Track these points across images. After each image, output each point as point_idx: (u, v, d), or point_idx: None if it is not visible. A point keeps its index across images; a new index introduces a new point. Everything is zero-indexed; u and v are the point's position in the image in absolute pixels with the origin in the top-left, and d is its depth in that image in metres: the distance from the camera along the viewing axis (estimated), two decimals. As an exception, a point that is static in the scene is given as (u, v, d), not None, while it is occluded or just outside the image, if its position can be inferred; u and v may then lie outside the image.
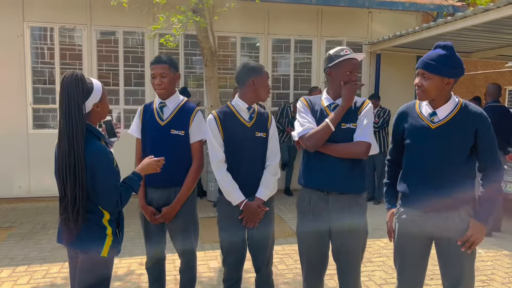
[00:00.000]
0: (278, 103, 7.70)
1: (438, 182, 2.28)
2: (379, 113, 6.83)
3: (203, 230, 5.34)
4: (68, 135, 2.03)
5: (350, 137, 2.51)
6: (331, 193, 2.52)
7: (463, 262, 2.31)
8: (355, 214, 2.51)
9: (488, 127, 2.28)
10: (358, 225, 2.52)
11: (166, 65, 2.75)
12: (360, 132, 2.49)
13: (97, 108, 2.16)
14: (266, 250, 2.76)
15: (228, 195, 2.68)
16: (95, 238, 2.14)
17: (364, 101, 2.59)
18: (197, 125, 2.80)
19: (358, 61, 2.56)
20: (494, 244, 4.92)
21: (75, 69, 6.95)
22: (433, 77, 2.23)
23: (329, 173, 2.50)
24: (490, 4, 5.03)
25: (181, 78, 7.35)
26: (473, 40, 7.04)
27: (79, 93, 2.03)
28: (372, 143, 2.50)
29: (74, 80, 2.04)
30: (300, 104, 2.65)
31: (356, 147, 2.47)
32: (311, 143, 2.50)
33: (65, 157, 2.03)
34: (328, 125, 2.46)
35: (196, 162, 2.81)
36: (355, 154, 2.49)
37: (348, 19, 7.87)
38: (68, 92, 2.03)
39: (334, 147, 2.48)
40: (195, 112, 2.82)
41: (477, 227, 2.27)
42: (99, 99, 2.15)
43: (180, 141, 2.75)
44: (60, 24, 6.90)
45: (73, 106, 2.03)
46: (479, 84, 16.54)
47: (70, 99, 2.02)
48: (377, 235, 5.04)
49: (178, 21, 4.80)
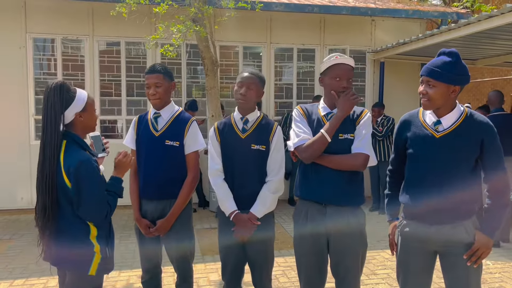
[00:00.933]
0: (281, 112, 7.66)
1: (442, 193, 2.20)
2: (383, 121, 6.75)
3: (204, 241, 5.28)
4: (44, 143, 2.00)
5: (348, 148, 2.43)
6: (328, 205, 2.44)
7: (469, 275, 2.22)
8: (353, 227, 2.43)
9: (495, 137, 2.20)
10: (357, 239, 2.44)
11: (160, 75, 2.69)
12: (358, 143, 2.41)
13: (80, 118, 2.10)
14: (264, 266, 2.68)
15: (222, 204, 2.63)
16: (82, 257, 2.07)
17: (362, 111, 2.51)
18: (192, 136, 2.74)
19: (349, 66, 2.45)
20: (502, 256, 4.79)
21: (78, 79, 6.99)
22: (438, 85, 2.16)
23: (326, 185, 2.42)
24: (494, 11, 4.96)
25: (184, 88, 7.36)
26: (478, 47, 6.96)
27: (58, 102, 2.00)
28: (370, 154, 2.42)
29: (55, 88, 2.01)
30: (296, 113, 2.57)
31: (354, 159, 2.39)
32: (307, 155, 2.43)
33: (40, 166, 2.00)
34: (324, 136, 2.39)
35: (191, 174, 2.74)
36: (353, 167, 2.40)
37: (351, 27, 7.83)
38: (48, 100, 2.00)
39: (330, 158, 2.41)
40: (190, 122, 2.75)
41: (483, 240, 2.19)
42: (81, 108, 2.09)
43: (175, 152, 2.69)
44: (62, 35, 6.92)
45: (51, 115, 1.99)
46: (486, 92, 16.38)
47: (49, 107, 1.99)
48: (382, 246, 4.94)
49: (177, 30, 4.78)
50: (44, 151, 1.99)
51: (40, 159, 2.01)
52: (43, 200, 1.99)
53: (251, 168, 2.60)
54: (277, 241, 5.22)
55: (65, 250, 2.03)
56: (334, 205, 2.43)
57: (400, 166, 2.44)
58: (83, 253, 2.06)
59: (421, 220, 2.28)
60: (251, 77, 2.60)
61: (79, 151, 2.05)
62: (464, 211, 2.21)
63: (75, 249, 2.03)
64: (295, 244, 2.60)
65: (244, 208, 2.59)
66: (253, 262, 2.68)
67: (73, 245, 2.03)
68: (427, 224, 2.26)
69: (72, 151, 2.02)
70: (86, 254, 2.07)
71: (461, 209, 2.21)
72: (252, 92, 2.58)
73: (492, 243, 2.24)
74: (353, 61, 2.49)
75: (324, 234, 2.45)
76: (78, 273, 2.07)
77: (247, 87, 2.58)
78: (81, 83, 7.01)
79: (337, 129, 2.43)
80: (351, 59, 2.49)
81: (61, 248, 2.05)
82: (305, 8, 7.17)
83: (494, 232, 2.22)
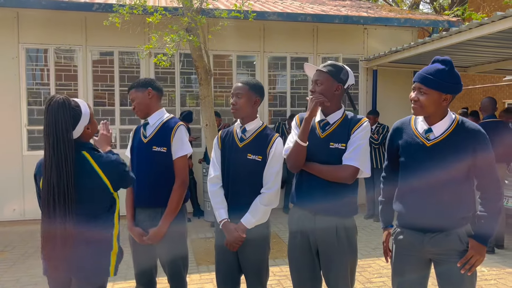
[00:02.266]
0: (275, 120, 7.67)
1: (435, 201, 2.20)
2: (377, 129, 6.78)
3: (200, 251, 5.24)
4: (57, 164, 1.96)
5: (338, 158, 2.39)
6: (317, 215, 2.43)
7: (464, 283, 2.21)
8: (341, 238, 2.41)
9: (487, 145, 2.19)
10: (344, 248, 2.41)
11: (133, 90, 2.79)
12: (349, 155, 2.37)
13: (88, 130, 2.16)
14: (258, 276, 2.64)
15: (214, 211, 2.64)
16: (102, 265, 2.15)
17: (360, 119, 2.46)
18: (178, 141, 2.71)
19: (318, 72, 2.46)
20: (497, 262, 4.79)
21: (71, 89, 6.96)
22: (430, 92, 2.15)
23: (317, 194, 2.41)
24: (485, 19, 5.02)
25: (177, 97, 7.36)
26: (469, 55, 7.03)
27: (68, 120, 1.97)
28: (362, 167, 2.36)
29: (61, 106, 1.97)
30: (293, 122, 2.60)
31: (341, 171, 2.35)
32: (290, 164, 2.46)
33: (53, 188, 1.96)
34: (297, 142, 2.39)
35: (179, 179, 2.70)
36: (339, 179, 2.37)
37: (343, 36, 7.89)
38: (56, 118, 1.96)
39: (319, 168, 2.40)
40: (176, 128, 2.73)
41: (477, 248, 2.18)
42: (88, 121, 2.14)
43: (162, 158, 2.69)
44: (55, 45, 6.91)
45: (61, 133, 1.95)
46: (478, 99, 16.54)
47: (58, 126, 1.95)
48: (377, 254, 4.92)
49: (171, 40, 4.79)
50: (58, 173, 1.97)
51: (52, 183, 1.97)
52: (62, 213, 1.97)
53: (245, 177, 2.58)
54: (272, 250, 5.18)
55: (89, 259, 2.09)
56: (323, 215, 2.42)
57: (393, 173, 2.44)
58: (103, 261, 2.15)
59: (414, 228, 2.27)
60: (240, 86, 2.61)
61: (102, 155, 2.16)
62: (457, 218, 2.21)
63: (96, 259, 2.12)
64: (287, 250, 2.60)
65: (237, 218, 2.57)
66: (247, 272, 2.65)
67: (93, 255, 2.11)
68: (421, 232, 2.25)
69: (98, 157, 2.11)
70: (106, 261, 2.15)
71: (454, 217, 2.20)
72: (241, 101, 2.58)
73: (485, 250, 2.23)
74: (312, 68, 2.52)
75: (314, 242, 2.45)
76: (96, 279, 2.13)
77: (236, 96, 2.59)
78: (74, 93, 6.99)
79: (329, 137, 2.42)
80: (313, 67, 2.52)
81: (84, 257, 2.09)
82: (298, 17, 7.22)
83: (487, 239, 2.22)
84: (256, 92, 2.63)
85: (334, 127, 2.44)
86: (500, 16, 4.69)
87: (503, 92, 15.48)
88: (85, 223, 2.06)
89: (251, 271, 2.63)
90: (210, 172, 2.69)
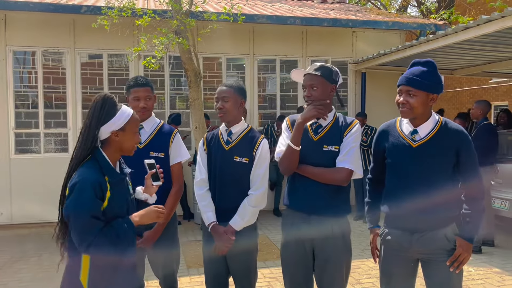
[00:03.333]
0: (265, 123, 7.69)
1: (422, 201, 2.24)
2: (366, 131, 6.84)
3: (190, 253, 5.23)
4: (72, 156, 1.90)
5: (332, 160, 2.43)
6: (313, 215, 2.45)
7: (451, 281, 2.26)
8: (337, 237, 2.44)
9: (469, 145, 2.25)
10: (340, 247, 2.45)
11: (149, 88, 2.75)
12: (343, 157, 2.41)
13: (116, 137, 1.91)
14: (247, 278, 2.65)
15: (202, 215, 2.64)
16: None
17: (352, 121, 2.49)
18: (176, 147, 2.77)
19: (311, 75, 2.46)
20: (484, 262, 4.86)
21: (59, 92, 6.91)
22: (419, 93, 2.20)
23: (311, 195, 2.44)
24: (470, 22, 5.10)
25: (167, 100, 7.34)
26: (456, 58, 7.13)
27: (96, 116, 1.86)
28: (355, 169, 2.40)
29: (98, 101, 1.89)
30: (284, 125, 2.62)
31: (336, 174, 2.39)
32: (283, 168, 2.48)
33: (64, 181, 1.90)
34: (290, 146, 2.41)
35: (176, 185, 2.75)
36: (334, 181, 2.40)
37: (332, 38, 7.95)
38: (89, 113, 1.89)
39: (313, 171, 2.42)
40: (174, 134, 2.79)
41: (464, 246, 2.24)
42: (120, 127, 1.90)
43: (160, 163, 2.68)
44: (43, 48, 6.85)
45: (87, 128, 1.87)
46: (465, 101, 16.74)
47: (88, 120, 1.88)
48: (367, 255, 4.96)
49: (160, 43, 4.78)
50: (70, 163, 1.89)
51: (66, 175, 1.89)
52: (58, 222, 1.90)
53: (233, 180, 2.60)
54: (262, 252, 5.22)
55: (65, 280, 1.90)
56: (318, 215, 2.44)
57: (379, 175, 2.48)
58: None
59: (402, 229, 2.31)
60: (225, 89, 2.61)
61: (89, 170, 1.83)
62: (444, 218, 2.26)
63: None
64: (281, 252, 2.61)
65: (225, 220, 2.58)
66: (235, 275, 2.66)
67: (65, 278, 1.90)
68: (408, 232, 2.29)
69: (84, 169, 1.84)
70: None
71: (441, 216, 2.25)
72: (228, 104, 2.59)
73: (472, 248, 2.28)
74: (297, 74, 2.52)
75: (309, 243, 2.46)
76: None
77: (222, 100, 2.60)
78: (63, 96, 6.94)
79: (322, 140, 2.45)
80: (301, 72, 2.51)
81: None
82: (287, 20, 7.26)
83: (473, 237, 2.28)
84: (241, 95, 2.65)
85: (326, 130, 2.48)
86: (485, 20, 4.76)
87: (489, 94, 15.69)
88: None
89: (239, 273, 2.64)
90: (197, 176, 2.70)
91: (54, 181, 6.67)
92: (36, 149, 6.89)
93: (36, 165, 6.77)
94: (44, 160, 6.82)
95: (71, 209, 1.79)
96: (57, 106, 6.96)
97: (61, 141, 7.00)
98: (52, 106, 6.94)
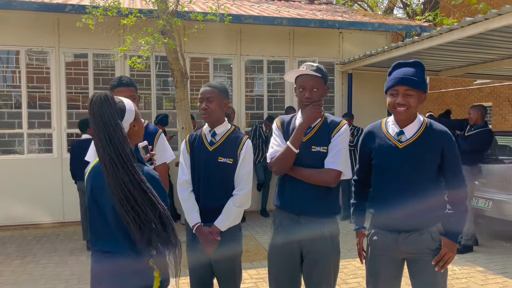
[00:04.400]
0: (253, 123, 7.68)
1: (409, 201, 2.26)
2: (352, 131, 6.88)
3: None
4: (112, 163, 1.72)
5: (320, 161, 2.43)
6: (302, 215, 2.45)
7: (437, 280, 2.28)
8: (326, 237, 2.44)
9: (453, 146, 2.29)
10: (329, 246, 2.45)
11: (133, 88, 2.72)
12: (331, 158, 2.41)
13: (134, 128, 1.92)
14: (231, 279, 2.64)
15: (186, 216, 2.62)
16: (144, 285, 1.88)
17: (339, 122, 2.49)
18: (160, 148, 2.73)
19: (313, 76, 2.42)
20: (468, 261, 4.92)
21: (43, 92, 6.81)
22: (416, 93, 2.23)
23: (301, 196, 2.44)
24: (455, 24, 5.16)
25: (153, 100, 7.29)
26: (441, 59, 7.22)
27: (114, 113, 1.79)
28: (344, 169, 2.41)
29: (105, 101, 1.79)
30: (274, 125, 2.62)
31: (325, 175, 2.40)
32: (276, 168, 2.47)
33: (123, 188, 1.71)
34: (289, 148, 2.40)
35: None
36: (323, 182, 2.41)
37: (319, 39, 7.98)
38: (102, 114, 1.76)
39: (302, 172, 2.42)
40: (158, 135, 2.75)
41: (449, 245, 2.26)
42: (133, 117, 1.92)
43: None
44: (27, 47, 6.75)
45: (112, 126, 1.76)
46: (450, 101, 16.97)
47: (106, 122, 1.76)
48: (353, 255, 4.99)
49: (145, 42, 4.74)
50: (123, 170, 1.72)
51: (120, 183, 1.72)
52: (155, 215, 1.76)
53: (217, 181, 2.59)
54: (249, 253, 5.21)
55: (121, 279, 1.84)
56: (308, 216, 2.44)
57: (365, 176, 2.50)
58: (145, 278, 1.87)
59: (389, 229, 2.33)
60: (209, 90, 2.59)
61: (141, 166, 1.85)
62: (430, 217, 2.29)
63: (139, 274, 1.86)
64: (268, 252, 2.60)
65: (209, 221, 2.57)
66: (219, 276, 2.65)
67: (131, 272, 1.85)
68: (395, 232, 2.31)
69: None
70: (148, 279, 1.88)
71: (427, 216, 2.28)
72: (213, 105, 2.57)
73: (456, 247, 2.31)
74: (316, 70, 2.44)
75: (298, 244, 2.46)
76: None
77: (207, 100, 2.58)
78: (47, 95, 6.84)
79: (311, 141, 2.45)
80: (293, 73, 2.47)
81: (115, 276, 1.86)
82: (274, 20, 7.26)
83: (457, 236, 2.31)
84: (224, 95, 2.64)
85: (315, 131, 2.48)
86: (469, 22, 4.83)
87: (473, 95, 15.92)
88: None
89: (224, 274, 2.63)
90: (180, 177, 2.67)
91: (38, 183, 6.66)
92: (19, 150, 6.77)
93: (19, 166, 6.66)
94: (27, 161, 6.72)
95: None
96: (41, 106, 6.86)
97: (45, 142, 6.90)
98: (36, 106, 6.83)
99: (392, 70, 2.34)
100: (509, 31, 4.90)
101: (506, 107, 14.38)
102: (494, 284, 4.24)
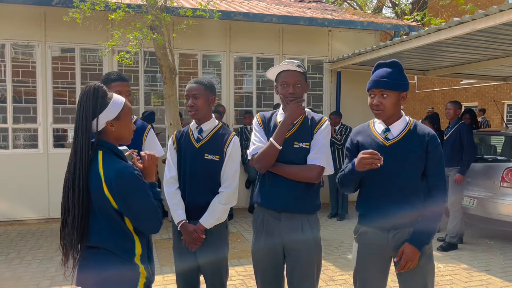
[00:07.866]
0: (241, 120, 7.66)
1: (396, 199, 2.28)
2: (341, 130, 6.90)
3: (163, 252, 5.17)
4: (75, 153, 1.78)
5: (303, 157, 2.43)
6: (283, 212, 2.45)
7: (424, 277, 2.30)
8: (307, 233, 2.44)
9: (438, 145, 2.31)
10: (311, 245, 2.45)
11: (128, 83, 2.71)
12: (314, 154, 2.41)
13: (111, 127, 1.86)
14: (218, 277, 2.64)
15: (172, 213, 2.60)
16: (129, 282, 1.86)
17: (321, 118, 2.50)
18: (150, 143, 2.73)
19: (295, 72, 2.42)
20: (453, 258, 4.99)
21: (29, 86, 6.70)
22: (391, 94, 2.26)
23: (281, 192, 2.44)
24: (442, 24, 5.21)
25: (141, 96, 7.23)
26: (428, 59, 7.28)
27: (90, 107, 1.80)
28: (326, 165, 2.41)
29: (89, 92, 1.81)
30: (254, 121, 2.60)
31: (308, 171, 2.40)
32: (260, 165, 2.45)
33: (70, 179, 1.79)
34: (273, 144, 2.39)
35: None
36: (306, 179, 2.41)
37: (309, 37, 7.99)
38: (80, 105, 1.80)
39: (285, 169, 2.42)
40: (147, 130, 2.74)
41: (410, 254, 2.22)
42: (114, 116, 1.86)
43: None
44: (12, 41, 6.63)
45: (82, 121, 1.80)
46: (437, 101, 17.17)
47: (81, 113, 1.80)
48: (340, 252, 5.01)
49: (134, 38, 4.70)
50: (74, 162, 1.79)
51: (71, 171, 1.79)
52: (76, 211, 1.77)
53: (203, 178, 2.57)
54: (236, 250, 5.21)
55: (106, 274, 1.80)
56: (289, 212, 2.44)
57: None
58: (130, 277, 1.86)
59: (377, 227, 2.34)
60: (195, 87, 2.57)
61: (116, 161, 1.83)
62: (417, 215, 2.29)
63: (121, 275, 1.83)
64: (252, 250, 2.60)
65: (195, 218, 2.55)
66: (206, 273, 2.64)
67: (118, 271, 1.82)
68: (384, 230, 2.32)
69: (110, 162, 1.81)
70: (133, 277, 1.86)
71: (415, 214, 2.29)
72: (199, 101, 2.56)
73: (418, 255, 2.25)
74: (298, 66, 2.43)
75: (279, 241, 2.46)
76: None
77: (193, 97, 2.56)
78: (33, 90, 6.74)
79: (293, 137, 2.44)
80: (293, 64, 2.43)
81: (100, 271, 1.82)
82: (264, 17, 7.25)
83: (423, 244, 2.25)
84: (211, 91, 2.62)
85: (297, 127, 2.48)
86: (456, 22, 4.88)
87: (460, 95, 16.13)
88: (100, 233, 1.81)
89: (210, 271, 2.62)
90: (166, 174, 2.65)
91: (23, 178, 6.56)
92: (4, 145, 6.66)
93: (4, 161, 6.56)
94: (12, 156, 6.61)
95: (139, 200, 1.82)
96: (26, 101, 6.75)
97: (31, 137, 6.80)
98: (21, 100, 6.73)
99: (374, 70, 2.39)
100: (495, 32, 4.96)
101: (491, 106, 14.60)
102: (478, 281, 4.31)
